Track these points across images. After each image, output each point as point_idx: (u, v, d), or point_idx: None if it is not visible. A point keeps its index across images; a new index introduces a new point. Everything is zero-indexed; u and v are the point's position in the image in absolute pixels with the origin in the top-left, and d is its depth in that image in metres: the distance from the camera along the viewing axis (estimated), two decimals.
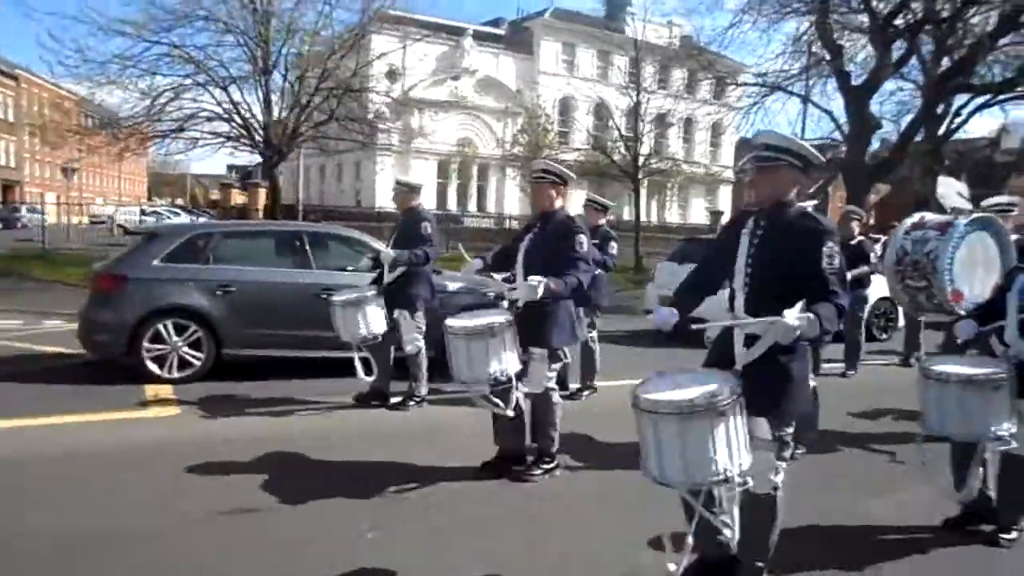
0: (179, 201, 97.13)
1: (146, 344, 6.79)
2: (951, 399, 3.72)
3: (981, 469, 3.90)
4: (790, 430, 3.00)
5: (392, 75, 26.96)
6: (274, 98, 16.11)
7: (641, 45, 24.76)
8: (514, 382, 4.42)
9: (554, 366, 4.63)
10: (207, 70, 15.36)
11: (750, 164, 3.10)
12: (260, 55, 15.96)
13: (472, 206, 46.07)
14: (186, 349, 6.92)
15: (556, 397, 4.70)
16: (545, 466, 4.67)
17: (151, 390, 6.64)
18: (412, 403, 6.33)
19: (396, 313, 6.13)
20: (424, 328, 6.24)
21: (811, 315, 2.72)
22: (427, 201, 7.62)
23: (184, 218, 38.28)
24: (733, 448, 2.63)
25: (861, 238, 8.21)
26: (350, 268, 7.47)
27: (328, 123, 16.87)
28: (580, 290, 4.61)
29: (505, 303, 4.77)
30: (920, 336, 9.19)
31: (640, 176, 24.98)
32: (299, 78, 16.04)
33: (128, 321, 6.77)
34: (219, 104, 16.11)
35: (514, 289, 4.53)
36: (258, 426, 5.79)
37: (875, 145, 26.57)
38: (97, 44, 14.75)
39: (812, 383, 3.88)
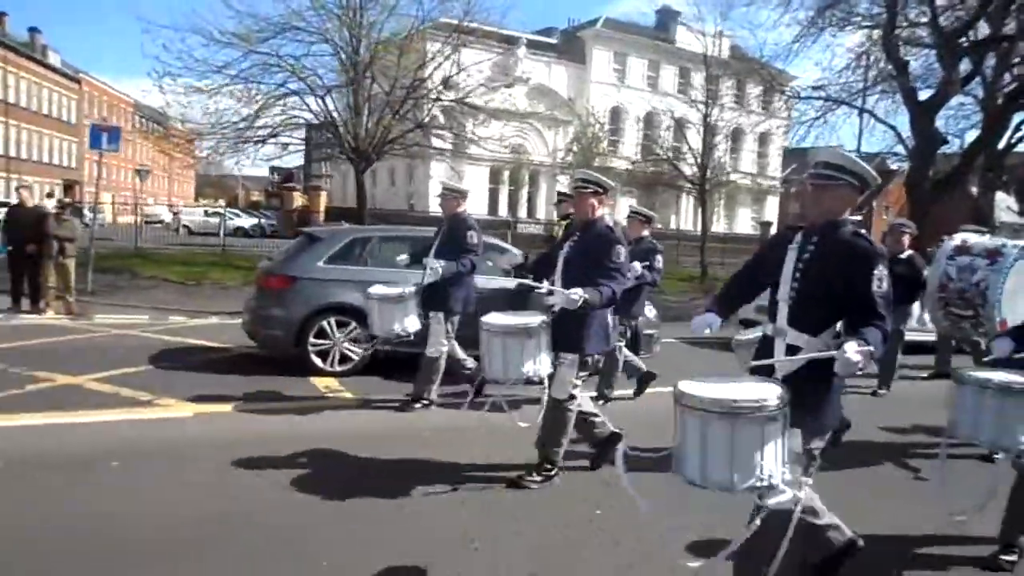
0: (220, 201, 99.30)
1: (312, 339, 7.39)
2: (988, 407, 3.69)
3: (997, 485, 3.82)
4: (820, 444, 2.97)
5: (447, 82, 27.66)
6: (364, 106, 16.76)
7: (711, 61, 25.01)
8: (546, 383, 4.50)
9: (581, 374, 4.64)
10: (303, 78, 16.09)
11: (807, 179, 3.15)
12: (350, 64, 16.65)
13: (523, 212, 46.62)
14: (347, 344, 7.53)
15: (574, 407, 4.69)
16: (546, 473, 4.69)
17: (321, 382, 7.24)
18: (418, 405, 6.35)
19: (431, 315, 6.18)
20: (453, 334, 6.29)
21: (871, 348, 2.71)
22: (479, 207, 8.13)
23: (244, 220, 39.31)
24: (779, 456, 2.61)
25: (911, 252, 7.85)
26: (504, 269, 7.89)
27: (415, 130, 17.51)
28: (614, 300, 4.57)
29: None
30: (950, 353, 9.13)
31: (708, 188, 25.29)
32: (391, 87, 16.69)
33: (297, 318, 7.35)
34: (311, 111, 16.87)
35: (552, 294, 4.54)
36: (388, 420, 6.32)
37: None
38: (210, 55, 15.44)
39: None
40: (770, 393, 2.63)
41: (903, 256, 7.53)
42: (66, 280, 11.26)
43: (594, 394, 6.70)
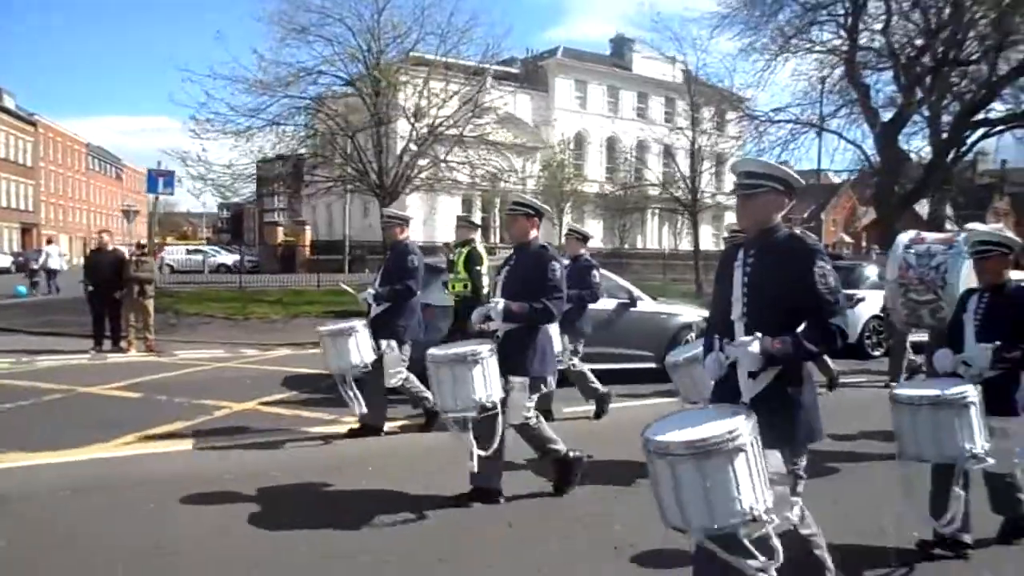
0: (169, 239, 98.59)
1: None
2: (924, 423, 3.64)
3: (963, 493, 3.71)
4: (803, 462, 2.90)
5: (417, 114, 28.77)
6: (388, 144, 17.68)
7: (694, 90, 26.58)
8: (499, 409, 4.44)
9: (533, 396, 4.62)
10: (333, 119, 16.92)
11: (732, 191, 3.18)
12: (374, 105, 17.56)
13: (495, 238, 47.67)
14: None
15: (535, 420, 4.70)
16: (572, 471, 4.79)
17: None
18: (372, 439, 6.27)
19: (383, 344, 6.14)
20: (408, 360, 6.27)
21: (787, 343, 2.73)
22: (450, 235, 8.19)
23: (225, 256, 39.42)
24: (756, 485, 2.51)
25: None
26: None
27: (436, 167, 18.45)
28: (550, 317, 4.56)
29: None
30: (904, 361, 9.03)
31: (697, 209, 26.76)
32: (411, 128, 17.64)
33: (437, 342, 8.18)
34: (338, 151, 17.69)
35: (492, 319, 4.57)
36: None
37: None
38: (245, 102, 16.18)
39: None
40: (734, 424, 2.55)
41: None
42: (146, 319, 11.81)
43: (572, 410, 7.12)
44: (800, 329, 2.76)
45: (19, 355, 11.09)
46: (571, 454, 4.80)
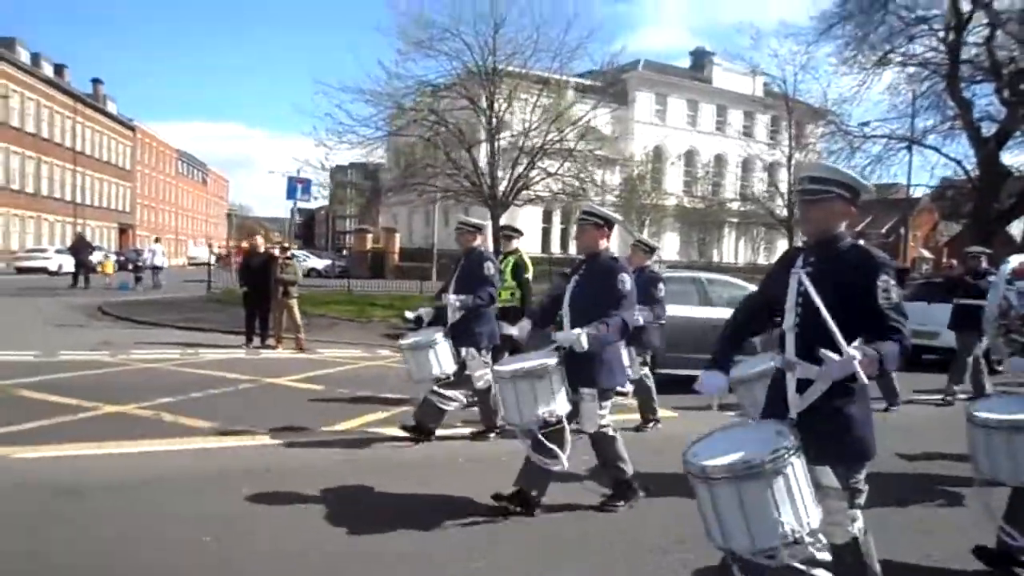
0: (244, 244, 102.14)
1: None
2: (999, 445, 3.59)
3: None
4: (861, 476, 2.80)
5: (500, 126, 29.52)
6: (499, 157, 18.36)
7: (778, 104, 26.59)
8: (564, 423, 4.44)
9: (605, 404, 4.58)
10: (455, 132, 17.70)
11: (795, 197, 3.11)
12: (487, 119, 18.26)
13: (572, 250, 48.15)
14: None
15: (611, 431, 4.69)
16: (627, 494, 4.73)
17: None
18: (492, 435, 6.52)
19: (464, 352, 6.20)
20: (490, 363, 6.22)
21: (870, 351, 2.55)
22: (532, 245, 8.67)
23: (316, 261, 40.82)
24: (799, 505, 2.46)
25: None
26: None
27: (546, 179, 19.07)
28: (625, 329, 4.50)
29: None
30: (983, 378, 9.05)
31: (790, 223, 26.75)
32: (523, 142, 18.30)
33: None
34: (452, 163, 18.44)
35: (560, 332, 4.57)
36: None
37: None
38: (369, 113, 17.09)
39: None
40: (774, 443, 2.52)
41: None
42: (293, 319, 12.61)
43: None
44: (880, 346, 2.59)
45: (181, 348, 12.03)
46: (634, 483, 4.74)
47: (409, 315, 6.69)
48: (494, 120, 18.20)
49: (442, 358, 6.07)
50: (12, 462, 5.35)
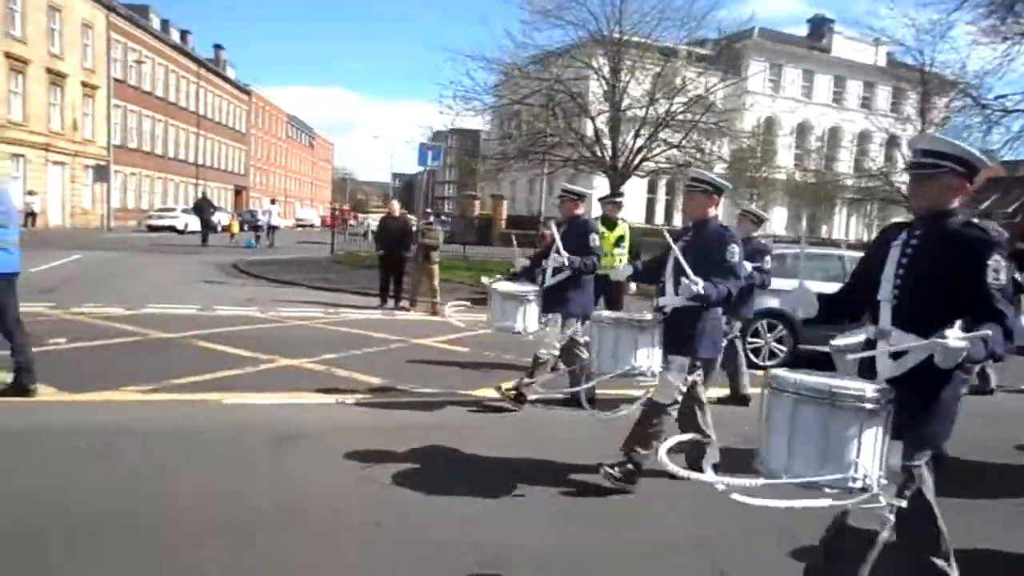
0: (345, 206, 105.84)
1: (748, 338, 8.67)
2: None
3: None
4: (922, 461, 2.66)
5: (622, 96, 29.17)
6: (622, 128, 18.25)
7: (929, 78, 25.21)
8: (656, 378, 4.33)
9: (689, 378, 4.40)
10: (580, 103, 17.69)
11: (907, 170, 2.90)
12: (610, 88, 18.13)
13: (677, 221, 47.47)
14: (774, 344, 8.79)
15: (673, 412, 4.44)
16: (626, 471, 4.41)
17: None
18: (518, 406, 6.29)
19: (548, 317, 6.05)
20: (567, 339, 6.14)
21: (979, 335, 2.38)
22: (636, 215, 8.30)
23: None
24: (876, 457, 2.39)
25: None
26: None
27: (669, 150, 18.86)
28: (730, 300, 4.36)
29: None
30: None
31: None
32: (646, 112, 18.11)
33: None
34: (574, 132, 18.46)
35: (663, 295, 4.43)
36: None
37: None
38: (492, 82, 17.29)
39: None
40: (872, 386, 2.45)
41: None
42: (431, 283, 13.00)
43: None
44: (984, 330, 2.40)
45: (322, 307, 12.61)
46: (641, 466, 4.42)
47: (517, 266, 6.50)
48: (616, 90, 18.03)
49: (529, 316, 5.95)
50: (226, 407, 5.83)
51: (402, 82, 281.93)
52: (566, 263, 5.92)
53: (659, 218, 46.57)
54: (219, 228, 36.74)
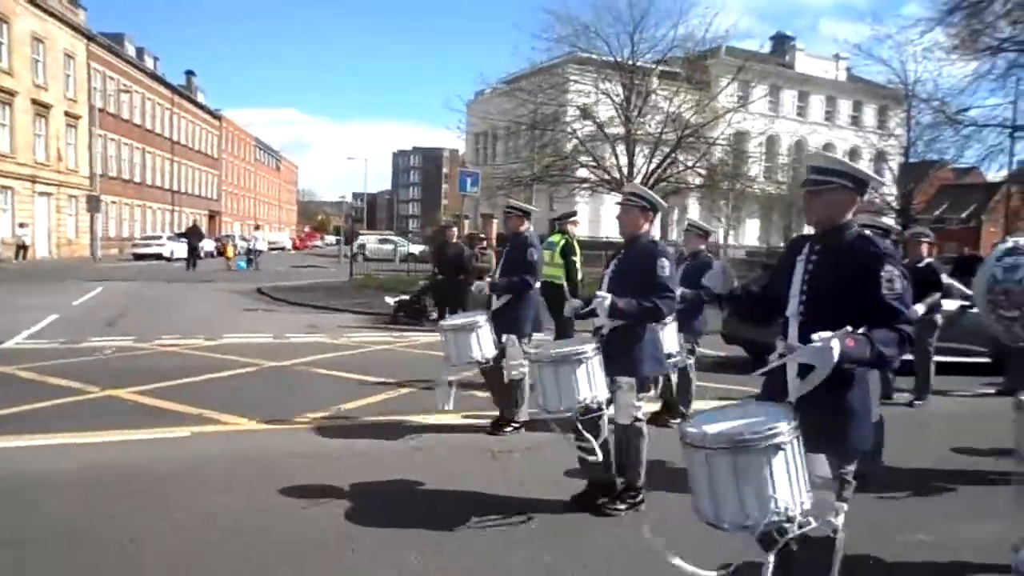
0: (306, 228, 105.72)
1: None
2: None
3: None
4: (852, 468, 2.80)
5: (585, 114, 30.16)
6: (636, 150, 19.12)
7: (893, 92, 26.54)
8: (604, 409, 4.29)
9: (642, 395, 4.39)
10: (601, 127, 18.50)
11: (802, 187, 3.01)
12: (624, 111, 18.99)
13: (670, 233, 48.58)
14: None
15: (644, 429, 4.44)
16: (630, 500, 4.42)
17: None
18: (508, 429, 6.20)
19: (504, 338, 5.97)
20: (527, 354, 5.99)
21: (848, 332, 2.51)
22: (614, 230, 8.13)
23: (411, 246, 42.03)
24: (794, 485, 2.46)
25: (930, 260, 7.78)
26: None
27: (684, 172, 19.77)
28: (659, 316, 4.34)
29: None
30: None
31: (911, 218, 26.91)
32: (657, 138, 19.00)
33: None
34: (592, 156, 19.26)
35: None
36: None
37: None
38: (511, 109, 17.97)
39: (877, 413, 3.50)
40: (774, 421, 2.50)
41: (920, 265, 7.51)
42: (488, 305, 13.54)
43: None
44: (873, 332, 2.58)
45: (385, 331, 13.06)
46: (640, 487, 4.44)
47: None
48: (630, 114, 18.91)
49: (484, 342, 5.84)
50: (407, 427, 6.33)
51: (354, 103, 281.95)
52: (487, 290, 6.13)
53: (677, 236, 47.58)
54: (202, 254, 36.76)
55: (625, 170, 19.09)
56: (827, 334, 2.50)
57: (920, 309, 7.15)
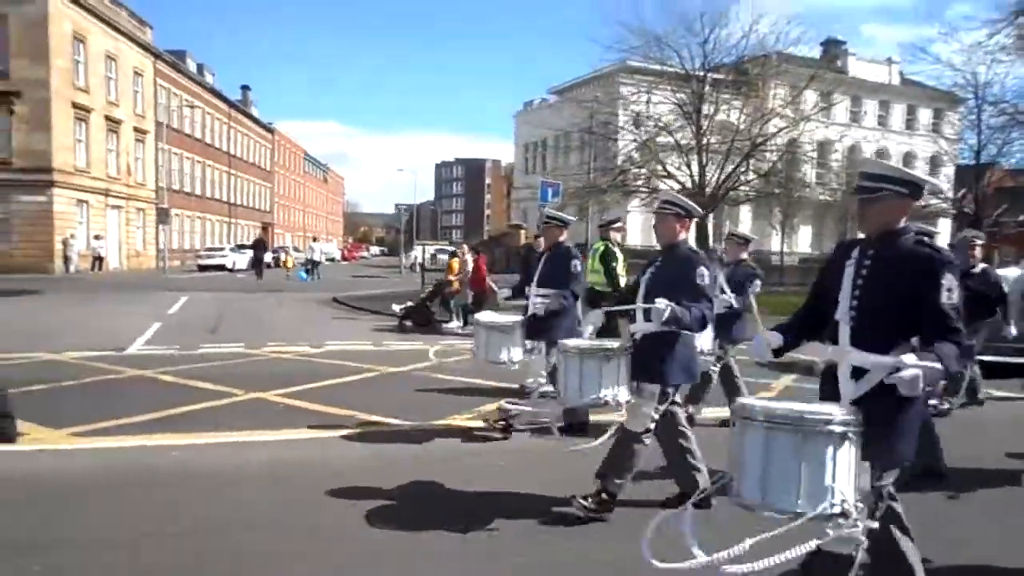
0: (349, 240, 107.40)
1: None
2: None
3: None
4: (890, 480, 2.68)
5: (636, 122, 30.25)
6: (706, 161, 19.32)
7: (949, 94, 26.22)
8: (623, 410, 4.24)
9: (660, 407, 4.26)
10: (671, 135, 18.74)
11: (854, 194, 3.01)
12: (695, 124, 19.18)
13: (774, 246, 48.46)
14: None
15: (648, 441, 4.28)
16: (601, 502, 4.22)
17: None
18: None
19: (531, 344, 5.98)
20: (552, 366, 5.85)
21: (935, 362, 2.47)
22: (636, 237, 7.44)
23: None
24: (852, 480, 2.37)
25: (985, 266, 7.34)
26: None
27: (754, 181, 19.91)
28: (704, 324, 4.25)
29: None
30: None
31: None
32: (727, 149, 19.16)
33: None
34: (662, 166, 19.49)
35: (634, 320, 4.34)
36: None
37: None
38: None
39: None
40: (840, 409, 2.46)
41: (975, 270, 7.06)
42: None
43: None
44: (939, 348, 2.52)
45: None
46: (615, 496, 4.25)
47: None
48: (700, 124, 19.11)
49: (513, 346, 5.92)
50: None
51: (390, 115, 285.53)
52: (539, 310, 5.94)
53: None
54: (268, 265, 37.79)
55: (697, 179, 19.26)
56: (910, 360, 2.44)
57: (1014, 331, 6.92)
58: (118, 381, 8.42)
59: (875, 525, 2.55)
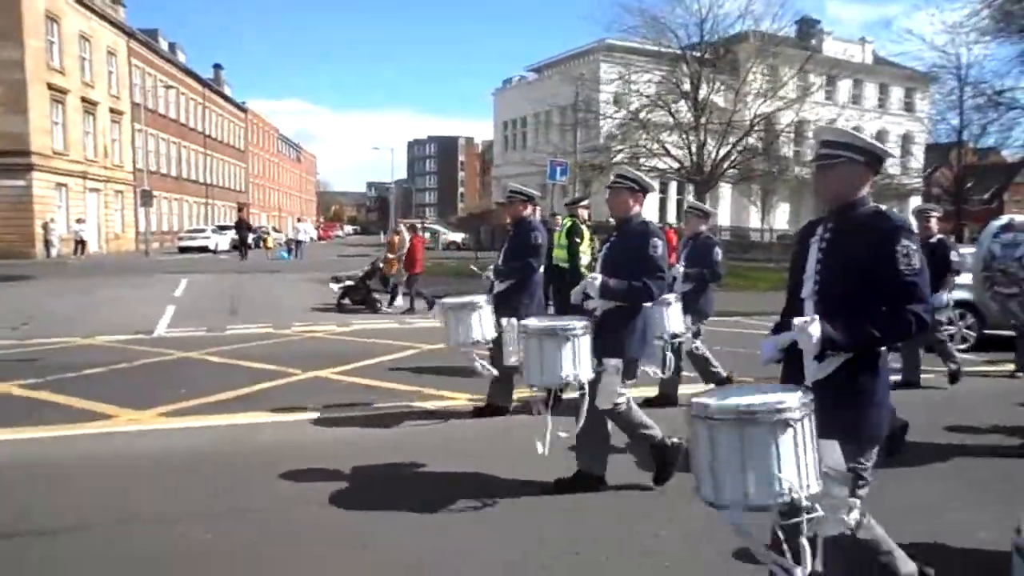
0: (321, 219, 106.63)
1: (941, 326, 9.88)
2: None
3: None
4: (867, 461, 2.65)
5: (617, 101, 30.56)
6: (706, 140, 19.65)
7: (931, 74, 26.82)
8: (587, 389, 4.15)
9: (627, 381, 4.30)
10: (672, 113, 19.01)
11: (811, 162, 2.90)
12: (693, 104, 19.49)
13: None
14: (965, 330, 10.11)
15: (625, 405, 4.32)
16: (672, 457, 4.33)
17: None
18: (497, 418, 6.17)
19: (504, 322, 5.75)
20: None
21: (852, 323, 2.51)
22: (649, 215, 6.82)
23: (453, 234, 42.65)
24: (801, 467, 2.31)
25: (940, 236, 7.46)
26: None
27: (751, 159, 20.29)
28: (649, 296, 4.24)
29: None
30: None
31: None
32: (727, 126, 19.50)
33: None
34: (661, 144, 19.78)
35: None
36: None
37: None
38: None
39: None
40: (786, 397, 2.37)
41: (932, 240, 7.16)
42: None
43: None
44: (871, 314, 2.52)
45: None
46: (668, 440, 4.38)
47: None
48: (698, 102, 19.41)
49: (484, 323, 5.76)
50: None
51: (358, 93, 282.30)
52: (492, 275, 6.11)
53: (671, 217, 48.03)
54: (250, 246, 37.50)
55: (695, 158, 19.61)
56: (808, 318, 2.52)
57: (945, 297, 7.12)
58: (170, 363, 8.52)
59: (857, 503, 2.53)
